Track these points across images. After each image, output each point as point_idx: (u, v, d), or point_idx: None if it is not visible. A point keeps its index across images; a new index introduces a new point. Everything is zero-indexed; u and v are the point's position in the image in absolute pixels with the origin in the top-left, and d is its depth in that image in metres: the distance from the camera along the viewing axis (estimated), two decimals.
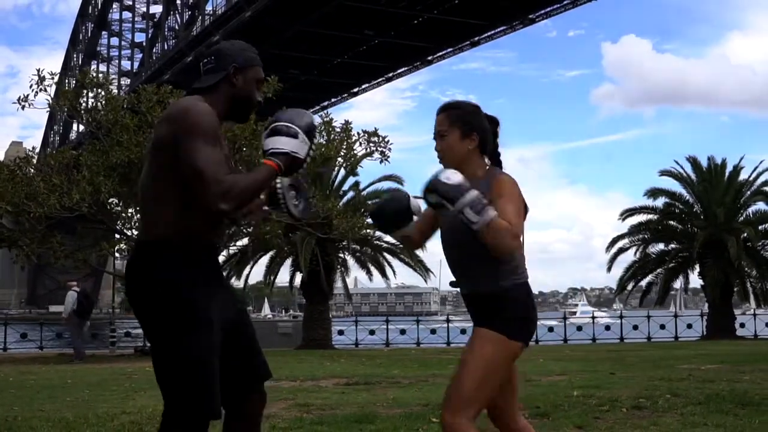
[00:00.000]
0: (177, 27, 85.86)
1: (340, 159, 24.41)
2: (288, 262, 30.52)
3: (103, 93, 22.76)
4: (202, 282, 3.26)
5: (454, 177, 3.50)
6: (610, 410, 7.95)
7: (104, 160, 21.25)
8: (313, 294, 29.37)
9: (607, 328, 36.47)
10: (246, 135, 20.40)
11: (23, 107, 21.06)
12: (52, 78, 21.24)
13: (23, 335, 31.19)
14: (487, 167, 3.82)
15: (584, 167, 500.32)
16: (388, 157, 23.40)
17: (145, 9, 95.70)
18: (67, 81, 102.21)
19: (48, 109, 21.56)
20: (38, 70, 20.86)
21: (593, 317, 39.42)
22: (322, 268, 28.09)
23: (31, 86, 20.85)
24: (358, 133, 23.27)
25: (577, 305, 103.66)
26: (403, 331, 32.90)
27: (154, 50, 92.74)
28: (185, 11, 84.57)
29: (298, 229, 25.33)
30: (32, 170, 23.24)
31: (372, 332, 32.72)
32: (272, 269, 30.73)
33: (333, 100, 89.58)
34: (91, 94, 23.16)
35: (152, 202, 3.30)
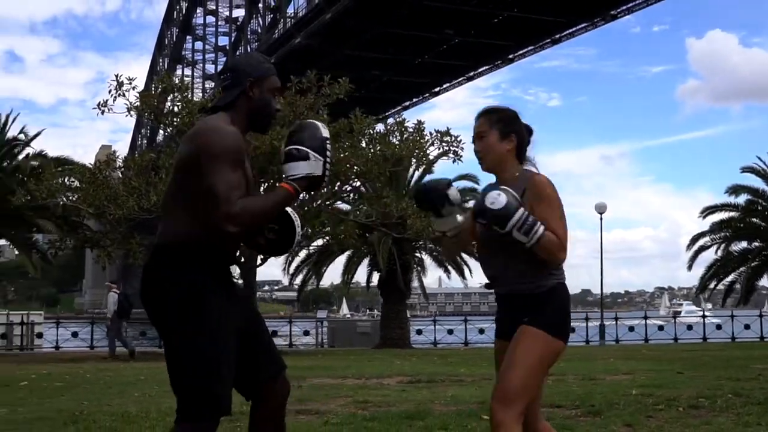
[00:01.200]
0: (259, 30, 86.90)
1: (413, 159, 24.45)
2: (365, 261, 30.74)
3: (179, 96, 23.18)
4: (215, 285, 3.39)
5: (499, 199, 3.62)
6: (665, 409, 7.89)
7: None
8: (390, 293, 29.53)
9: (689, 327, 35.73)
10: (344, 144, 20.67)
11: (102, 112, 21.67)
12: (130, 83, 21.79)
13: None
14: (523, 168, 3.92)
15: (669, 164, 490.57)
16: (461, 156, 23.44)
17: (228, 13, 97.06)
18: (153, 85, 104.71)
19: (127, 113, 22.05)
20: (116, 76, 21.48)
21: (704, 316, 37.33)
22: (398, 268, 28.23)
23: (110, 91, 21.44)
24: (430, 133, 23.37)
25: (681, 304, 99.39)
26: (481, 331, 32.78)
27: (237, 53, 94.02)
28: (267, 14, 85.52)
29: (374, 229, 25.49)
30: (115, 173, 23.86)
31: (450, 332, 32.72)
32: (349, 269, 30.97)
33: (414, 99, 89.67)
34: (170, 98, 23.62)
35: (172, 212, 3.44)
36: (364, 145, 23.06)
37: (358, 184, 25.56)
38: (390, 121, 25.35)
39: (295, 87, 22.49)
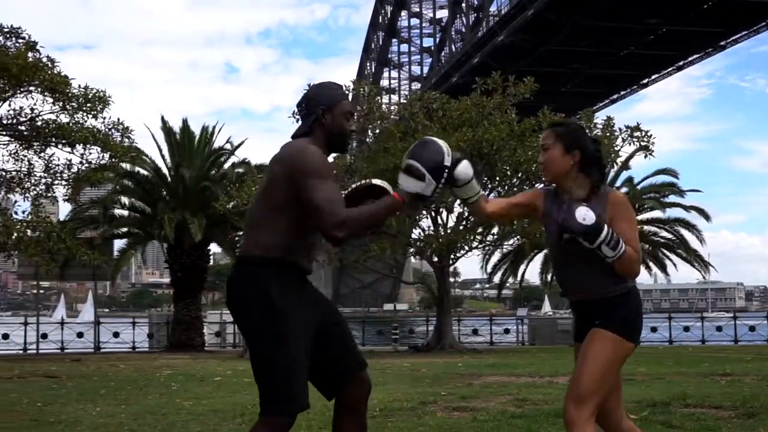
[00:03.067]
0: (463, 29, 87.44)
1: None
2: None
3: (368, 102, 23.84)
4: (290, 294, 3.72)
5: (589, 215, 3.79)
6: None
7: (372, 165, 22.39)
8: None
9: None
10: (503, 137, 20.78)
11: (297, 120, 22.54)
12: None
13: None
14: (595, 187, 4.01)
15: None
16: (652, 152, 22.92)
17: (432, 14, 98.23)
18: (365, 86, 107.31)
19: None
20: (309, 85, 22.34)
21: None
22: None
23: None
24: (620, 129, 23.02)
25: None
26: (686, 328, 31.84)
27: (442, 54, 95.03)
28: (471, 13, 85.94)
29: None
30: None
31: (654, 329, 31.95)
32: (547, 267, 30.82)
33: (622, 92, 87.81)
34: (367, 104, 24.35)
35: (257, 226, 3.81)
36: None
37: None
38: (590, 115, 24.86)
39: (481, 88, 22.75)
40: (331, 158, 4.08)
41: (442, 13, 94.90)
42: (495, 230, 24.24)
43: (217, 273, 61.04)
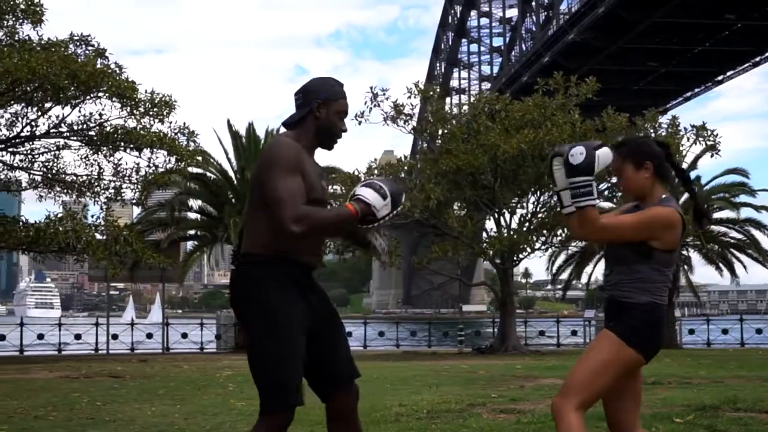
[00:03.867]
0: (533, 28, 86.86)
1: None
2: None
3: (433, 105, 23.85)
4: (284, 289, 3.76)
5: (578, 156, 3.74)
6: None
7: (434, 167, 22.45)
8: None
9: None
10: (564, 137, 20.65)
11: (359, 123, 22.90)
12: (383, 93, 22.82)
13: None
14: (663, 196, 4.00)
15: None
16: (719, 151, 22.58)
17: (501, 14, 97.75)
18: (432, 90, 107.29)
19: (383, 123, 23.05)
20: (371, 88, 22.70)
21: None
22: None
23: (365, 102, 22.66)
24: (685, 129, 22.73)
25: None
26: (759, 331, 31.20)
27: (512, 53, 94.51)
28: (541, 12, 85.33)
29: None
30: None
31: (725, 331, 31.39)
32: None
33: (696, 90, 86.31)
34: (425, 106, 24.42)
35: (251, 226, 3.88)
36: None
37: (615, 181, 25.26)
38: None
39: (542, 89, 22.67)
40: (394, 159, 4.14)
41: (512, 12, 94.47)
42: (560, 231, 24.14)
43: None
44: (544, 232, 23.59)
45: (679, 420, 7.50)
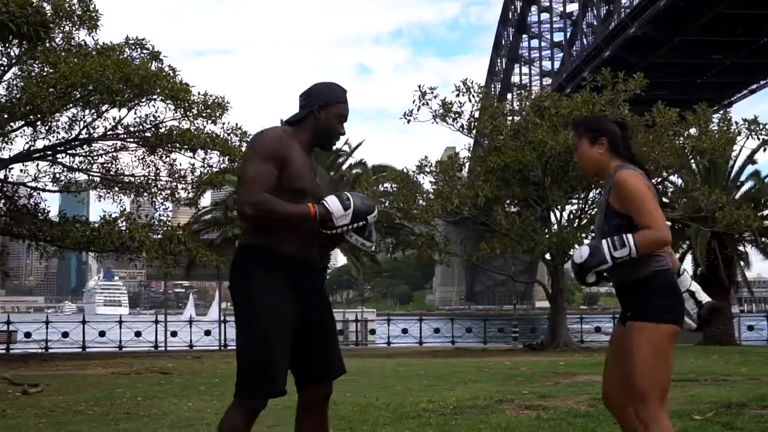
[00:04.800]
0: (594, 23, 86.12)
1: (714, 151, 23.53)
2: (681, 256, 29.83)
3: (476, 100, 23.80)
4: (272, 280, 3.91)
5: (584, 252, 4.00)
6: None
7: (483, 164, 22.51)
8: (712, 288, 28.42)
9: None
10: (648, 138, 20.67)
11: (408, 121, 23.05)
12: (432, 92, 22.93)
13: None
14: (616, 164, 4.14)
15: None
16: None
17: (562, 8, 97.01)
18: (493, 86, 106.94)
19: (432, 121, 23.17)
20: (419, 86, 22.87)
21: None
22: (720, 262, 27.16)
23: (413, 101, 22.83)
24: (736, 123, 22.51)
25: None
26: None
27: (573, 48, 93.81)
28: (602, 6, 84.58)
29: (688, 224, 24.88)
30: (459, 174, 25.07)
31: None
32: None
33: (762, 82, 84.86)
34: (470, 104, 24.46)
35: None
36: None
37: (669, 177, 25.13)
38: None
39: (590, 85, 22.61)
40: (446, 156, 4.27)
41: (573, 7, 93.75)
42: None
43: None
44: (593, 228, 23.45)
45: (698, 417, 7.52)
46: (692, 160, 26.33)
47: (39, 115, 20.84)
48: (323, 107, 4.09)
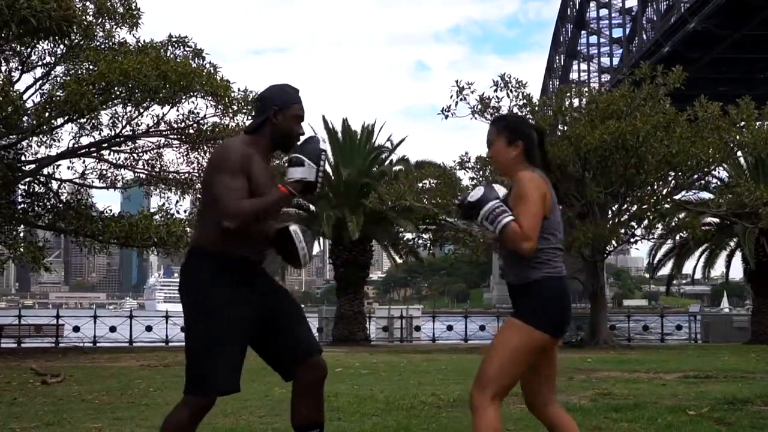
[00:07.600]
0: (654, 18, 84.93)
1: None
2: (729, 254, 29.43)
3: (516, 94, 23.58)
4: (221, 282, 3.98)
5: (476, 193, 3.99)
6: None
7: None
8: (760, 286, 27.94)
9: None
10: (648, 128, 20.37)
11: (446, 117, 22.98)
12: (469, 87, 22.82)
13: None
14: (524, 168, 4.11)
15: None
16: None
17: (621, 4, 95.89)
18: (551, 82, 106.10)
19: (471, 116, 23.05)
20: (457, 82, 22.77)
21: None
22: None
23: (451, 96, 22.75)
24: None
25: None
26: None
27: (632, 44, 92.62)
28: (662, 1, 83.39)
29: (735, 222, 24.47)
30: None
31: None
32: (710, 262, 29.77)
33: None
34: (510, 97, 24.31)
35: (199, 221, 4.23)
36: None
37: (714, 172, 24.83)
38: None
39: (628, 79, 22.37)
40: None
41: (632, 2, 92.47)
42: (645, 223, 23.78)
43: None
44: (633, 224, 23.27)
45: (692, 412, 7.41)
46: (740, 155, 25.90)
47: (79, 113, 21.11)
48: (279, 111, 4.11)
